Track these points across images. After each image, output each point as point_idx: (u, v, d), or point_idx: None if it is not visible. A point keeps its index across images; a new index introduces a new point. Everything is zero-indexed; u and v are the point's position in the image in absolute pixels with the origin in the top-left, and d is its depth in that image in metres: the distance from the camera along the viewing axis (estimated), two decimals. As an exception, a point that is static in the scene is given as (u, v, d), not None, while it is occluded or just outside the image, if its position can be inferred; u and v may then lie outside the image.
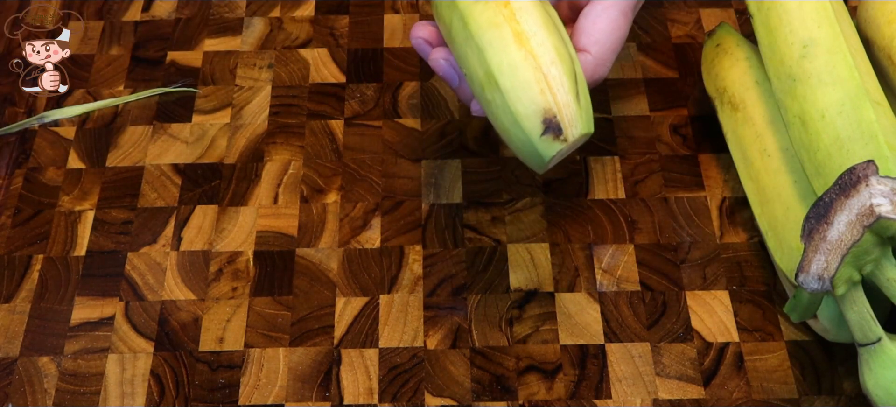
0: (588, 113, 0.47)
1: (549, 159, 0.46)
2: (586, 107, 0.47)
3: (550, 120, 0.45)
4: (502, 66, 0.46)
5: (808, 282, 0.47)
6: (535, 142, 0.45)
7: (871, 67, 0.54)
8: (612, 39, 0.51)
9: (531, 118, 0.45)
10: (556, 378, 0.53)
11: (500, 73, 0.45)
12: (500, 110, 0.45)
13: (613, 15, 0.51)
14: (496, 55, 0.46)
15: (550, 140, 0.45)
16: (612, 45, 0.51)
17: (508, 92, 0.45)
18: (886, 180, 0.46)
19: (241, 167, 0.62)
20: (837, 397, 0.52)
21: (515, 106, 0.45)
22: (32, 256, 0.58)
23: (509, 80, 0.45)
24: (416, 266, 0.57)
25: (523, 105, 0.45)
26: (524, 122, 0.45)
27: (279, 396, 0.52)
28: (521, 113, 0.45)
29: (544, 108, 0.45)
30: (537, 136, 0.45)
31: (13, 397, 0.53)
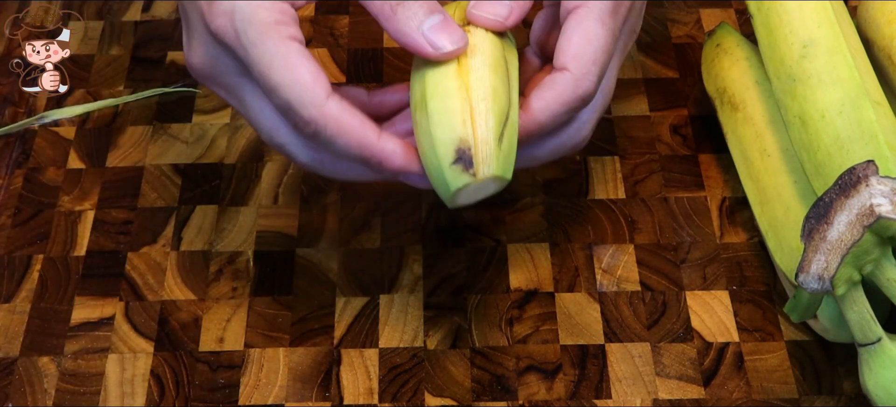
0: (508, 159, 0.46)
1: (454, 190, 0.45)
2: (508, 153, 0.46)
3: (464, 151, 0.44)
4: (437, 90, 0.46)
5: (808, 282, 0.47)
6: (444, 169, 0.45)
7: (871, 67, 0.54)
8: (590, 52, 0.47)
9: (446, 144, 0.45)
10: (556, 378, 0.53)
11: (432, 97, 0.46)
12: (423, 132, 0.46)
13: (589, 26, 0.48)
14: (434, 79, 0.46)
15: (459, 171, 0.44)
16: (592, 57, 0.47)
17: (433, 115, 0.45)
18: (886, 180, 0.46)
19: (241, 167, 0.62)
20: (837, 397, 0.52)
21: (435, 130, 0.45)
22: (32, 256, 0.58)
23: (438, 103, 0.46)
24: (416, 266, 0.57)
25: (442, 130, 0.45)
26: (439, 148, 0.45)
27: (279, 396, 0.52)
28: (439, 137, 0.45)
29: (461, 137, 0.44)
30: (448, 163, 0.45)
31: (13, 397, 0.53)
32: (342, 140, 0.45)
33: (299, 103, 0.44)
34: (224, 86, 0.48)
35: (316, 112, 0.44)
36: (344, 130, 0.45)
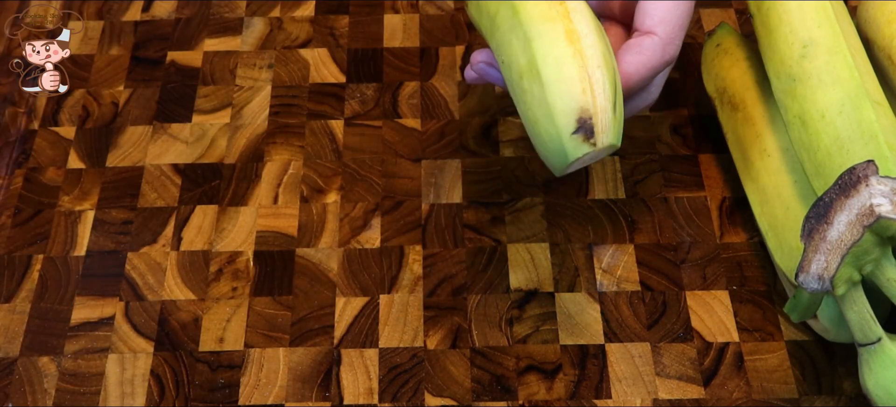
0: (620, 126, 0.46)
1: (572, 160, 0.45)
2: (620, 119, 0.46)
3: (585, 120, 0.44)
4: (548, 58, 0.45)
5: (808, 282, 0.47)
6: (564, 139, 0.44)
7: (871, 67, 0.54)
8: (677, 16, 0.49)
9: (567, 114, 0.44)
10: (556, 378, 0.53)
11: (545, 64, 0.45)
12: (536, 102, 0.45)
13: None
14: (544, 46, 0.45)
15: (580, 141, 0.44)
16: (678, 21, 0.49)
17: (549, 84, 0.45)
18: (886, 180, 0.46)
19: (241, 167, 0.62)
20: (837, 397, 0.52)
21: (553, 99, 0.44)
22: (32, 256, 0.58)
23: (554, 72, 0.45)
24: (416, 266, 0.57)
25: (562, 100, 0.44)
26: (559, 118, 0.44)
27: (279, 396, 0.52)
28: (558, 108, 0.44)
29: (582, 107, 0.44)
30: (568, 133, 0.44)
31: (13, 397, 0.53)
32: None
33: None
34: None
35: None
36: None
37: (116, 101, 0.65)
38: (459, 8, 0.70)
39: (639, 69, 0.48)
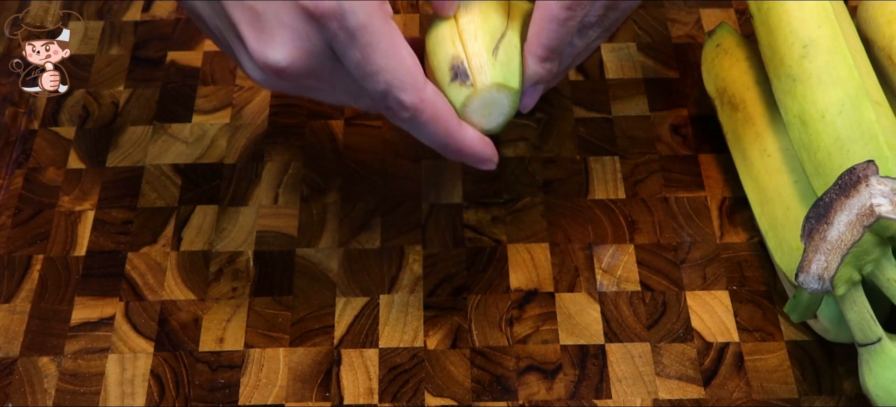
0: (507, 68, 0.48)
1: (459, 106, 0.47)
2: (506, 63, 0.48)
3: (458, 66, 0.46)
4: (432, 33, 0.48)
5: (808, 282, 0.47)
6: (446, 90, 0.47)
7: (871, 67, 0.54)
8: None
9: (442, 67, 0.47)
10: (556, 378, 0.53)
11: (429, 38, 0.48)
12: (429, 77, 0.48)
13: None
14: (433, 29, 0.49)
15: (458, 86, 0.46)
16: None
17: (429, 52, 0.48)
18: (886, 180, 0.46)
19: (241, 167, 0.62)
20: (837, 397, 0.52)
21: (432, 59, 0.47)
22: (32, 256, 0.58)
23: (432, 40, 0.48)
24: (416, 266, 0.57)
25: (437, 57, 0.47)
26: (437, 73, 0.47)
27: (279, 396, 0.52)
28: (436, 65, 0.47)
29: (453, 56, 0.47)
30: (447, 83, 0.47)
31: (13, 397, 0.53)
32: (432, 127, 0.46)
33: (401, 87, 0.45)
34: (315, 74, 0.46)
35: (416, 98, 0.45)
36: (437, 118, 0.46)
37: (116, 101, 0.65)
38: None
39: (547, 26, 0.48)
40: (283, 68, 0.44)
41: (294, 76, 0.45)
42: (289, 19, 0.43)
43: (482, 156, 0.48)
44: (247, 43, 0.44)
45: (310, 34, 0.43)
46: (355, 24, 0.43)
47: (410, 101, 0.45)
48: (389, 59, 0.44)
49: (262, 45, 0.44)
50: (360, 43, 0.43)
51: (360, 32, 0.43)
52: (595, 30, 0.50)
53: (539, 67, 0.49)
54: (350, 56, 0.44)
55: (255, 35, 0.44)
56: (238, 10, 0.44)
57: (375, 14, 0.43)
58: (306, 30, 0.43)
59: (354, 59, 0.44)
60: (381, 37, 0.44)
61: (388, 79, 0.44)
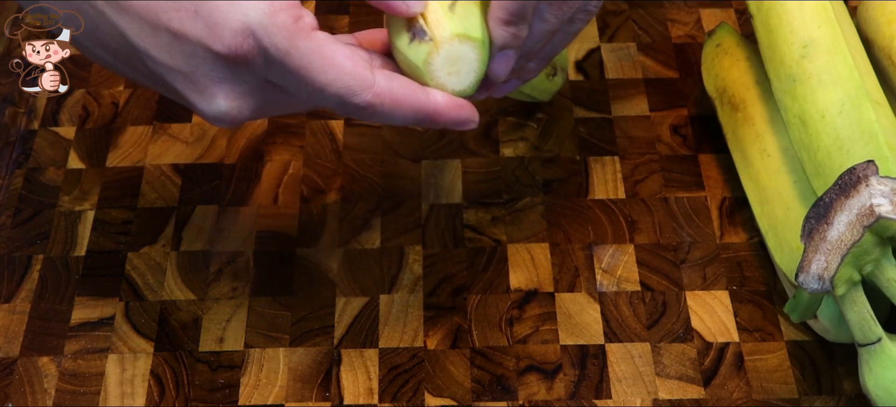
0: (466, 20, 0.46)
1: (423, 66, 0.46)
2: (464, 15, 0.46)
3: (414, 27, 0.46)
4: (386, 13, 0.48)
5: (808, 282, 0.47)
6: (407, 52, 0.46)
7: (871, 67, 0.54)
8: None
9: (401, 33, 0.46)
10: (556, 378, 0.53)
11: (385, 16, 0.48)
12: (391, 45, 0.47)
13: None
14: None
15: (418, 45, 0.46)
16: None
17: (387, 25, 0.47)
18: (886, 180, 0.46)
19: (241, 167, 0.62)
20: (837, 397, 0.52)
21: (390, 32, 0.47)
22: (32, 256, 0.58)
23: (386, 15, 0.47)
24: (416, 266, 0.57)
25: (395, 26, 0.46)
26: (395, 40, 0.46)
27: (279, 396, 0.52)
28: (394, 34, 0.46)
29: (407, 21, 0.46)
30: (406, 45, 0.46)
31: (13, 397, 0.53)
32: (399, 111, 0.45)
33: (351, 93, 0.44)
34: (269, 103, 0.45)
35: (370, 96, 0.44)
36: (399, 101, 0.45)
37: (116, 101, 0.65)
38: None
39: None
40: (233, 116, 0.44)
41: (249, 115, 0.45)
42: (217, 72, 0.43)
43: (458, 118, 0.47)
44: (192, 105, 0.45)
45: (242, 77, 0.43)
46: (278, 54, 0.42)
47: (364, 100, 0.44)
48: (327, 73, 0.43)
49: (206, 102, 0.44)
50: (292, 68, 0.43)
51: (287, 60, 0.43)
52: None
53: (503, 31, 0.47)
54: (288, 82, 0.44)
55: (196, 96, 0.44)
56: (175, 78, 0.44)
57: (296, 35, 0.43)
58: (236, 75, 0.43)
59: (293, 84, 0.44)
60: (311, 55, 0.43)
61: (334, 91, 0.44)
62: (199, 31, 0.42)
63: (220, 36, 0.42)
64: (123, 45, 0.44)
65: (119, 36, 0.44)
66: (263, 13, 0.42)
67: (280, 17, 0.42)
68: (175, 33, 0.42)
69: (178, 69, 0.43)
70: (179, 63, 0.43)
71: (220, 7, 0.42)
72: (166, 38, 0.43)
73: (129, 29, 0.44)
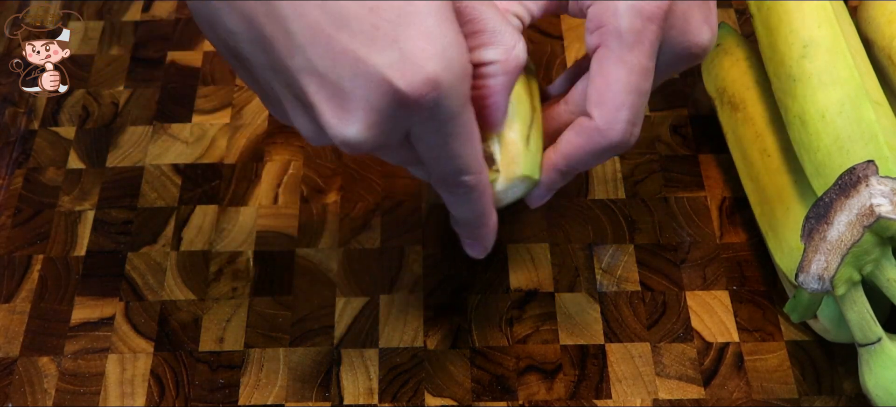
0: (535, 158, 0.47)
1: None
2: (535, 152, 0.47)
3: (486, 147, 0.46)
4: None
5: (808, 282, 0.47)
6: None
7: (871, 67, 0.54)
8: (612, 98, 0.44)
9: None
10: (556, 378, 0.53)
11: None
12: None
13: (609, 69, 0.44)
14: None
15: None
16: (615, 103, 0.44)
17: None
18: (886, 180, 0.46)
19: (241, 167, 0.62)
20: (837, 397, 0.52)
21: None
22: (32, 256, 0.58)
23: None
24: (416, 266, 0.57)
25: None
26: None
27: (279, 396, 0.52)
28: None
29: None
30: None
31: (13, 397, 0.53)
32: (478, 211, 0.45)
33: (467, 171, 0.43)
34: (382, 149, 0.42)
35: (475, 179, 0.44)
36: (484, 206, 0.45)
37: (116, 101, 0.65)
38: (459, 8, 0.70)
39: (576, 151, 0.46)
40: (358, 143, 0.41)
41: (368, 148, 0.41)
42: (376, 101, 0.39)
43: (487, 243, 0.48)
44: (321, 116, 0.40)
45: (395, 117, 0.40)
46: (447, 114, 0.40)
47: (471, 181, 0.44)
48: (465, 147, 0.42)
49: (339, 121, 0.40)
50: (443, 132, 0.41)
51: (447, 123, 0.41)
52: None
53: (556, 177, 0.48)
54: (427, 140, 0.42)
55: (333, 110, 0.40)
56: (314, 82, 0.40)
57: (466, 103, 0.41)
58: (392, 112, 0.40)
59: (431, 144, 0.42)
60: (463, 125, 0.42)
61: (459, 164, 0.43)
62: (386, 59, 0.38)
63: (409, 75, 0.39)
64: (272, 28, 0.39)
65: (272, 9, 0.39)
66: (456, 75, 0.40)
67: (465, 84, 0.40)
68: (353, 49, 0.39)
69: (335, 81, 0.39)
70: (338, 75, 0.39)
71: (420, 45, 0.39)
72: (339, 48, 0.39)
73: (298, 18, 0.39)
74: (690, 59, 0.46)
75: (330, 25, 0.38)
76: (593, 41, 0.45)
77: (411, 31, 0.39)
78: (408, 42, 0.39)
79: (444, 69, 0.39)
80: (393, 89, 0.39)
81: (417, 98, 0.39)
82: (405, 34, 0.39)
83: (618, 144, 0.45)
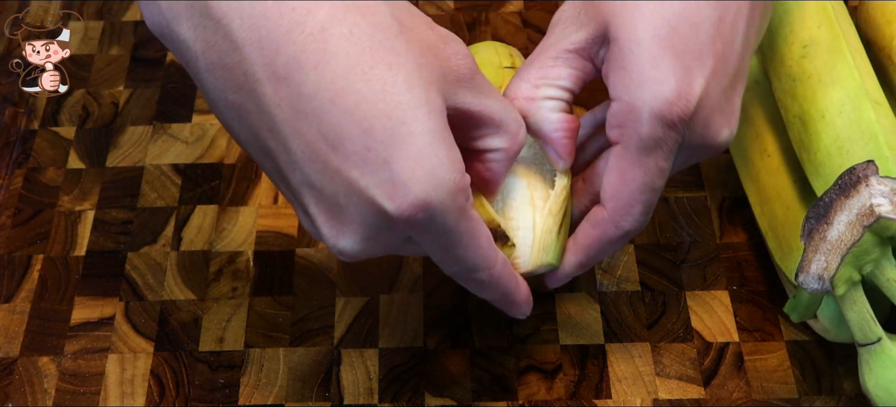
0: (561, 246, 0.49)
1: None
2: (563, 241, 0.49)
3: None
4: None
5: (808, 282, 0.47)
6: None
7: (871, 67, 0.54)
8: (627, 194, 0.46)
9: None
10: (556, 378, 0.53)
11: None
12: None
13: (624, 168, 0.46)
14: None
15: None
16: (628, 199, 0.46)
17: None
18: (886, 180, 0.46)
19: (241, 167, 0.62)
20: (837, 397, 0.52)
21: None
22: (32, 256, 0.58)
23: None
24: (416, 266, 0.57)
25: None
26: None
27: (279, 396, 0.52)
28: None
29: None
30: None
31: (13, 397, 0.53)
32: (499, 294, 0.46)
33: (476, 269, 0.44)
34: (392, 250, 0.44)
35: (486, 276, 0.45)
36: (504, 288, 0.46)
37: (116, 101, 0.65)
38: (459, 8, 0.70)
39: (592, 242, 0.48)
40: (355, 254, 0.42)
41: (368, 256, 0.43)
42: (368, 218, 0.40)
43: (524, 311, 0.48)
44: (319, 228, 0.42)
45: (388, 232, 0.41)
46: (441, 229, 0.41)
47: (483, 278, 0.45)
48: (468, 251, 0.43)
49: (333, 232, 0.42)
50: (442, 242, 0.42)
51: (444, 235, 0.42)
52: None
53: (577, 268, 0.50)
54: (428, 248, 0.43)
55: (328, 223, 0.41)
56: (312, 196, 0.41)
57: (462, 217, 0.42)
58: (386, 228, 0.41)
59: (433, 250, 0.43)
60: (463, 234, 0.42)
61: (466, 265, 0.44)
62: (376, 180, 0.40)
63: (398, 197, 0.40)
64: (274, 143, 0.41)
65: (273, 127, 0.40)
66: (447, 193, 0.40)
67: (458, 199, 0.41)
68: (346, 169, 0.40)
69: (330, 197, 0.41)
70: (333, 192, 0.40)
71: (409, 167, 0.39)
72: (334, 167, 0.40)
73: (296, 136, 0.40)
74: (707, 155, 0.48)
75: (325, 145, 0.40)
76: (614, 136, 0.46)
77: (402, 153, 0.39)
78: (397, 163, 0.39)
79: (433, 189, 0.40)
80: (382, 210, 0.40)
81: (406, 219, 0.40)
82: (396, 155, 0.39)
83: (630, 233, 0.48)
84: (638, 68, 0.44)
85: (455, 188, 0.41)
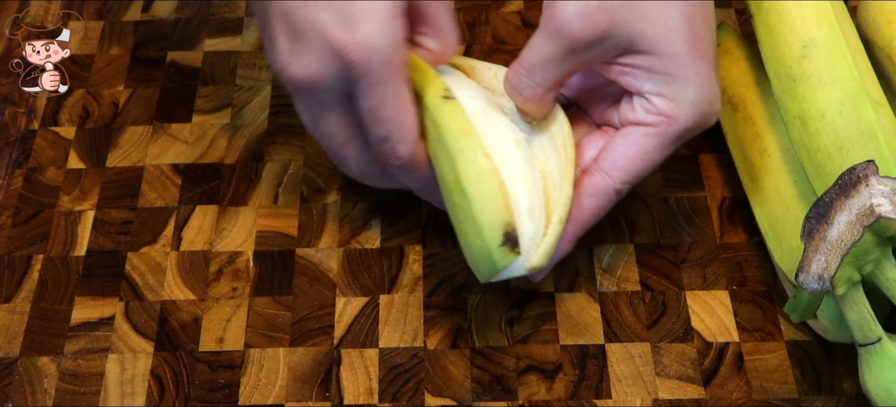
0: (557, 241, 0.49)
1: (500, 269, 0.48)
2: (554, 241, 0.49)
3: (510, 233, 0.47)
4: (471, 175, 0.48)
5: (808, 282, 0.47)
6: (492, 250, 0.47)
7: (871, 67, 0.54)
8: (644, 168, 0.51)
9: (493, 229, 0.47)
10: (556, 378, 0.53)
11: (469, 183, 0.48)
12: (464, 215, 0.49)
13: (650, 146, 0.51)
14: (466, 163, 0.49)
15: (507, 251, 0.47)
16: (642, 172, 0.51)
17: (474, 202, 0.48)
18: (886, 180, 0.46)
19: (241, 167, 0.62)
20: (837, 397, 0.52)
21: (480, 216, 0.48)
22: (32, 256, 0.58)
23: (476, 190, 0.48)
24: (416, 266, 0.57)
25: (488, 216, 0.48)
26: (487, 232, 0.48)
27: (279, 396, 0.52)
28: (485, 223, 0.47)
29: (506, 222, 0.47)
30: (496, 245, 0.47)
31: (13, 397, 0.53)
32: (419, 179, 0.52)
33: (400, 139, 0.50)
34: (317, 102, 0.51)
35: (410, 151, 0.50)
36: (423, 171, 0.51)
37: (116, 101, 0.65)
38: (459, 8, 0.70)
39: (592, 211, 0.51)
40: (296, 83, 0.50)
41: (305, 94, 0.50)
42: (320, 47, 0.48)
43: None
44: (276, 45, 0.49)
45: (334, 69, 0.48)
46: (378, 77, 0.48)
47: (405, 152, 0.50)
48: (397, 114, 0.49)
49: (290, 55, 0.49)
50: (377, 94, 0.48)
51: (379, 86, 0.48)
52: None
53: (571, 245, 0.52)
54: (363, 102, 0.49)
55: (285, 42, 0.49)
56: (280, 22, 0.49)
57: (396, 73, 0.48)
58: (333, 64, 0.48)
59: (367, 106, 0.49)
60: (396, 94, 0.49)
61: (391, 129, 0.49)
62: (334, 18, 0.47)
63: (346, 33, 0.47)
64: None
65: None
66: (388, 44, 0.48)
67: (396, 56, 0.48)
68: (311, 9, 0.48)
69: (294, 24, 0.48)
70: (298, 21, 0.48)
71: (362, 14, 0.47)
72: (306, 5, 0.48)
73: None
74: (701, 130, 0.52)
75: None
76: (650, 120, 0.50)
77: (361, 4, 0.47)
78: (354, 7, 0.47)
79: (377, 37, 0.47)
80: (333, 42, 0.47)
81: (349, 55, 0.47)
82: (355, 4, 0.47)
83: (621, 195, 0.52)
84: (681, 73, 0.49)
85: (395, 42, 0.48)
